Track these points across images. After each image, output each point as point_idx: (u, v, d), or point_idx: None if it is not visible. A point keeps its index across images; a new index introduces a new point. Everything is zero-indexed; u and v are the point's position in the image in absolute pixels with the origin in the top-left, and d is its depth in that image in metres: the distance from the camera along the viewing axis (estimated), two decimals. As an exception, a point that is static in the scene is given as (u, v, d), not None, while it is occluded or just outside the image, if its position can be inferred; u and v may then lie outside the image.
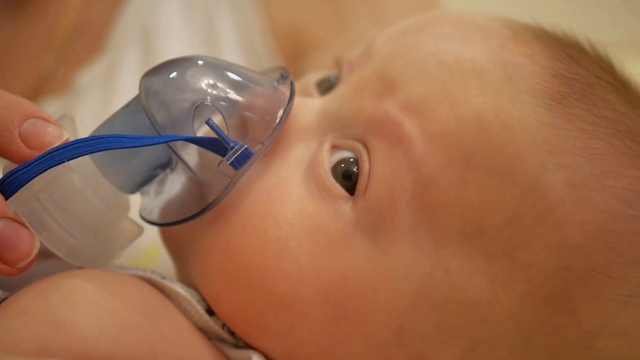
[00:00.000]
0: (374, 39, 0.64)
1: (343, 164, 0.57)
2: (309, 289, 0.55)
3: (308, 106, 0.61)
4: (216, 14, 1.01)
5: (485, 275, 0.54)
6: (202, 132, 0.58)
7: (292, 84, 0.60)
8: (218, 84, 0.58)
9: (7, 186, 0.53)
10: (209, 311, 0.58)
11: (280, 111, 0.58)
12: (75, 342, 0.50)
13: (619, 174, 0.54)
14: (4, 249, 0.52)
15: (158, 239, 0.65)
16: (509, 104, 0.55)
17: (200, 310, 0.57)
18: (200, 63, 0.59)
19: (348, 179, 0.57)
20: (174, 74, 0.57)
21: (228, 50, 0.99)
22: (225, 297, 0.57)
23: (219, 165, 0.57)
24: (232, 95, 0.58)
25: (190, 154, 0.57)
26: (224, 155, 0.56)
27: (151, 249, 0.72)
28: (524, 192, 0.53)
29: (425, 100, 0.56)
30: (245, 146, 0.56)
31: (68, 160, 0.54)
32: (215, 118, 0.57)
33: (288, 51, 0.99)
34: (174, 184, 0.60)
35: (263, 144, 0.57)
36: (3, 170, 0.55)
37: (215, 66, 0.59)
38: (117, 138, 0.55)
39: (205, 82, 0.57)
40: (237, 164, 0.56)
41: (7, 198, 0.53)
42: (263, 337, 0.57)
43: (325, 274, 0.55)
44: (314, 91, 0.65)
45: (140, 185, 0.60)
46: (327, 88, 0.65)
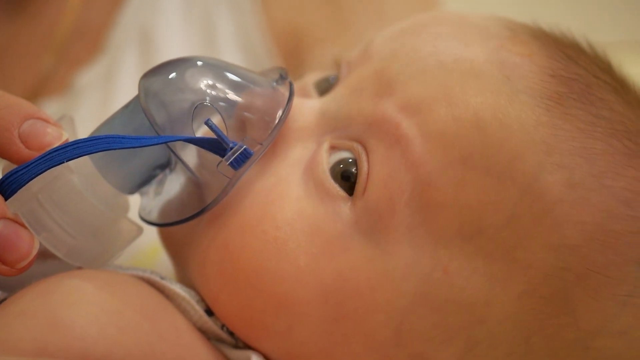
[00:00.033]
0: (373, 39, 0.64)
1: (342, 165, 0.57)
2: (307, 289, 0.55)
3: (307, 107, 0.61)
4: (215, 14, 1.01)
5: (484, 275, 0.54)
6: (201, 133, 0.58)
7: (291, 84, 0.60)
8: (217, 84, 0.58)
9: (7, 187, 0.53)
10: (208, 311, 0.58)
11: (279, 112, 0.58)
12: (75, 343, 0.50)
13: (617, 173, 0.54)
14: (3, 249, 0.52)
15: (157, 239, 0.64)
16: (507, 104, 0.55)
17: (199, 310, 0.57)
18: (199, 64, 0.59)
19: (347, 179, 0.57)
20: (173, 75, 0.57)
21: (227, 51, 0.99)
22: (224, 298, 0.57)
23: (218, 165, 0.57)
24: (231, 95, 0.58)
25: (189, 154, 0.57)
26: (223, 156, 0.56)
27: (150, 250, 0.72)
28: (522, 192, 0.53)
29: (424, 101, 0.56)
30: (245, 146, 0.56)
31: (67, 160, 0.53)
32: (215, 118, 0.57)
33: (287, 51, 0.99)
34: (173, 184, 0.60)
35: (262, 144, 0.57)
36: (2, 170, 0.55)
37: (214, 67, 0.59)
38: (117, 139, 0.55)
39: (204, 83, 0.57)
40: (236, 165, 0.56)
41: (7, 199, 0.53)
42: (262, 338, 0.57)
43: (324, 274, 0.55)
44: (313, 92, 0.65)
45: (139, 185, 0.60)
46: (326, 88, 0.65)
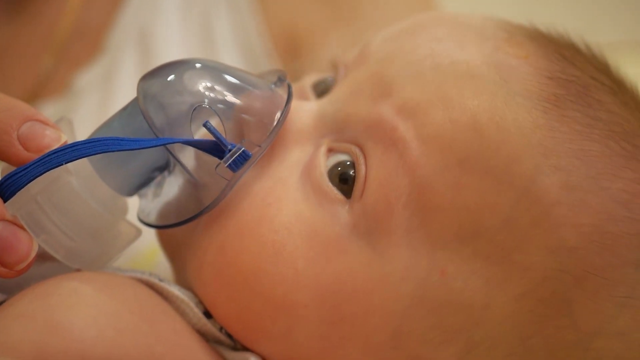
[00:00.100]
0: (369, 40, 0.63)
1: (339, 167, 0.57)
2: (305, 293, 0.55)
3: (304, 109, 0.61)
4: (214, 15, 1.01)
5: (482, 277, 0.54)
6: (200, 135, 0.58)
7: (290, 86, 0.60)
8: (215, 86, 0.58)
9: (6, 189, 0.53)
10: (207, 314, 0.58)
11: (278, 114, 0.58)
12: (73, 345, 0.50)
13: (614, 175, 0.54)
14: (2, 251, 0.52)
15: (156, 241, 0.65)
16: (503, 107, 0.55)
17: (197, 312, 0.57)
18: (197, 66, 0.59)
19: (344, 182, 0.57)
20: (171, 77, 0.57)
21: (226, 51, 0.99)
22: (221, 301, 0.57)
23: (216, 167, 0.56)
24: (230, 97, 0.58)
25: (187, 156, 0.57)
26: (221, 158, 0.56)
27: (149, 252, 0.72)
28: (520, 195, 0.53)
29: (420, 104, 0.56)
30: (243, 149, 0.56)
31: (66, 163, 0.53)
32: (213, 121, 0.57)
33: (286, 52, 0.98)
34: (172, 186, 0.60)
35: (260, 146, 0.57)
36: (1, 172, 0.55)
37: (212, 69, 0.59)
38: (115, 141, 0.55)
39: (202, 85, 0.57)
40: (235, 167, 0.56)
41: (6, 201, 0.53)
42: (260, 340, 0.57)
43: (321, 277, 0.55)
44: (311, 94, 0.65)
45: (138, 187, 0.60)
46: (324, 90, 0.65)
